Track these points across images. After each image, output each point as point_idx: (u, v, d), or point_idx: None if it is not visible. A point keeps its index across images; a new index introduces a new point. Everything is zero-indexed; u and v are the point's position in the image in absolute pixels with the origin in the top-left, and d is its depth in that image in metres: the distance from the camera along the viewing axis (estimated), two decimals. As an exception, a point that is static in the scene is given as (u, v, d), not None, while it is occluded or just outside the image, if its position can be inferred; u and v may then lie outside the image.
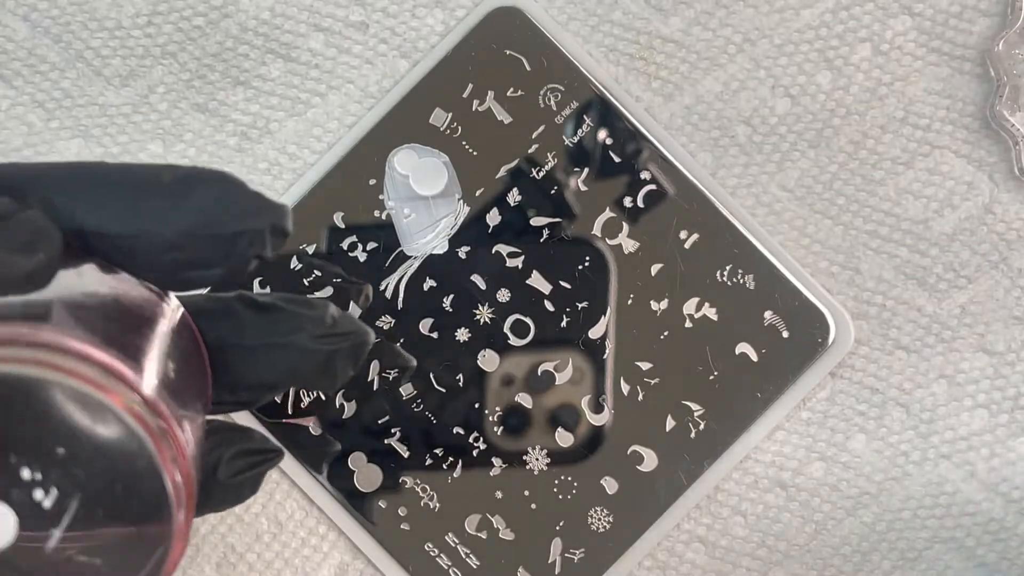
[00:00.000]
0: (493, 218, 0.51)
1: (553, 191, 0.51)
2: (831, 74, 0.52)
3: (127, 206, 0.33)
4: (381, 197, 0.51)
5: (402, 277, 0.51)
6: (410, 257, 0.51)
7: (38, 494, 0.29)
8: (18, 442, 0.29)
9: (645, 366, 0.51)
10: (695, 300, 0.51)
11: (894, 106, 0.52)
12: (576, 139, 0.51)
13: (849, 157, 0.52)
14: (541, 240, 0.51)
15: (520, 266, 0.51)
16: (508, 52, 0.51)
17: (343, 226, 0.51)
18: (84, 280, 0.33)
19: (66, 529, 0.29)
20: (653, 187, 0.51)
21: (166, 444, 0.30)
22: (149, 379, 0.31)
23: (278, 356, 0.37)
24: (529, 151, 0.51)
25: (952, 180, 0.52)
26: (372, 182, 0.51)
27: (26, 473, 0.29)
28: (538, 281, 0.51)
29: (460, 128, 0.51)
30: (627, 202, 0.51)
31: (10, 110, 0.52)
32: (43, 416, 0.29)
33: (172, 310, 0.35)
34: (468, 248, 0.51)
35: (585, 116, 0.51)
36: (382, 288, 0.51)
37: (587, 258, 0.51)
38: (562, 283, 0.51)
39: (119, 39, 0.52)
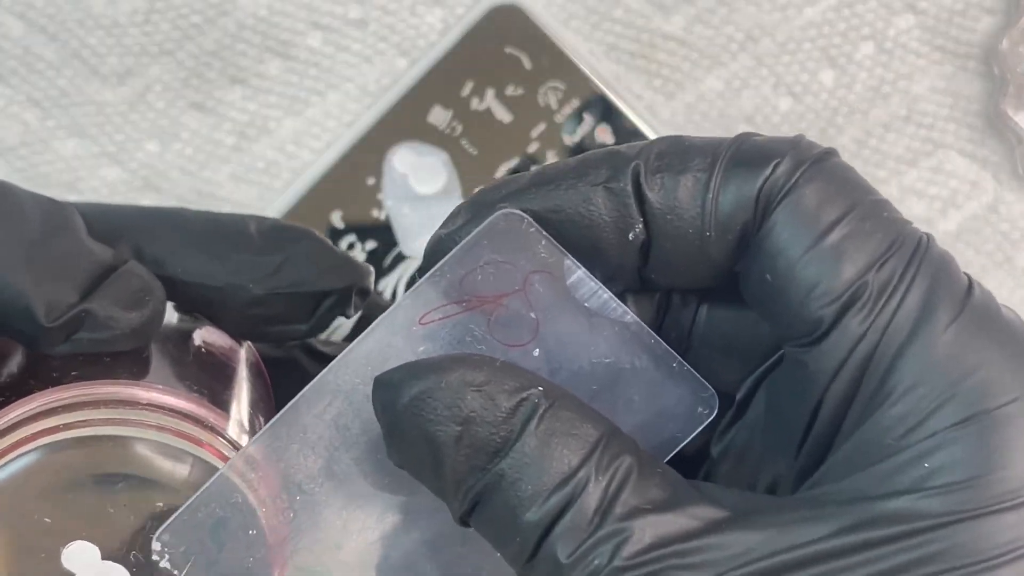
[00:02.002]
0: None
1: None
2: (834, 72, 0.51)
3: (215, 257, 0.33)
4: (380, 196, 0.51)
5: (401, 277, 0.51)
6: (409, 257, 0.51)
7: (155, 555, 0.30)
8: (133, 505, 0.30)
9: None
10: (697, 300, 0.51)
11: (897, 104, 0.51)
12: (577, 138, 0.51)
13: (852, 156, 0.51)
14: (541, 240, 0.51)
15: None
16: (508, 50, 0.51)
17: (342, 226, 0.51)
18: (175, 330, 0.34)
19: None
20: (654, 186, 0.51)
21: (259, 490, 0.30)
22: (237, 428, 0.32)
23: None
24: (529, 150, 0.51)
25: (956, 179, 0.51)
26: (371, 181, 0.51)
27: (147, 536, 0.30)
28: (538, 281, 0.51)
29: (460, 126, 0.51)
30: (628, 201, 0.51)
31: (6, 108, 0.52)
32: (148, 474, 0.30)
33: (248, 357, 0.36)
34: (468, 248, 0.51)
35: (585, 114, 0.51)
36: (380, 289, 0.51)
37: (588, 258, 0.51)
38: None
39: (116, 37, 0.52)
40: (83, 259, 0.31)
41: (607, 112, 0.51)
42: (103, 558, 0.30)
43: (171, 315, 0.34)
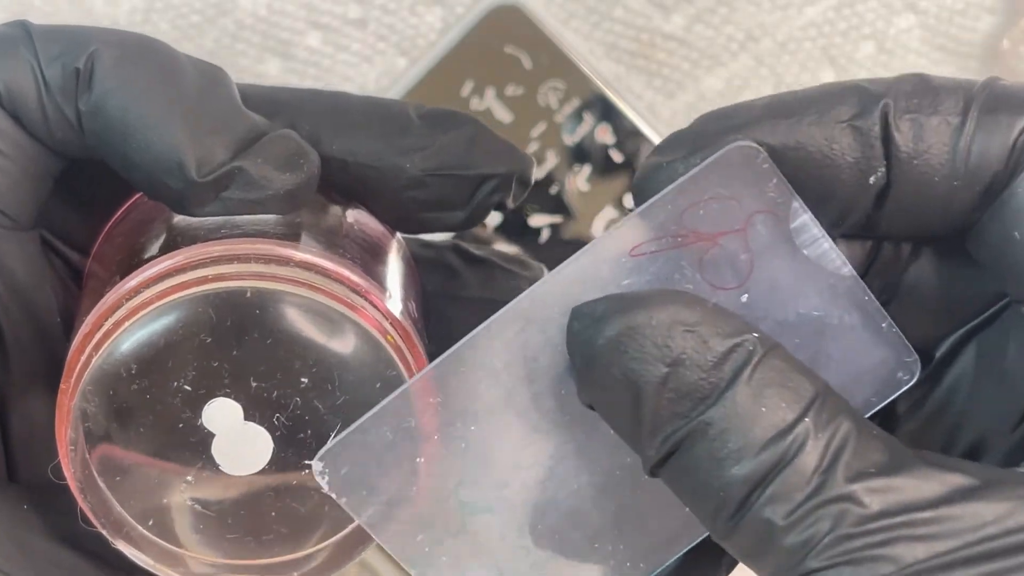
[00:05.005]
0: (493, 217, 0.51)
1: (553, 190, 0.51)
2: (834, 72, 0.51)
3: (373, 138, 0.32)
4: (379, 196, 0.51)
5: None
6: (409, 257, 0.51)
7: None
8: (280, 365, 0.28)
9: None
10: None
11: (898, 104, 0.51)
12: (577, 137, 0.51)
13: (853, 156, 0.51)
14: (541, 240, 0.51)
15: (520, 266, 0.51)
16: (508, 50, 0.51)
17: (341, 225, 0.51)
18: (328, 205, 0.32)
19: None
20: (654, 186, 0.51)
21: (433, 416, 0.29)
22: (393, 302, 0.30)
23: (489, 312, 0.34)
24: (529, 150, 0.51)
25: (957, 179, 0.51)
26: (370, 181, 0.51)
27: (293, 400, 0.28)
28: (538, 281, 0.51)
29: (459, 126, 0.51)
30: (628, 201, 0.51)
31: (5, 108, 0.52)
32: (299, 334, 0.28)
33: (399, 248, 0.34)
34: (467, 248, 0.51)
35: (585, 114, 0.51)
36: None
37: (588, 258, 0.51)
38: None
39: (115, 36, 0.51)
40: (237, 119, 0.30)
41: (607, 112, 0.51)
42: (245, 419, 0.28)
43: (330, 196, 0.33)
